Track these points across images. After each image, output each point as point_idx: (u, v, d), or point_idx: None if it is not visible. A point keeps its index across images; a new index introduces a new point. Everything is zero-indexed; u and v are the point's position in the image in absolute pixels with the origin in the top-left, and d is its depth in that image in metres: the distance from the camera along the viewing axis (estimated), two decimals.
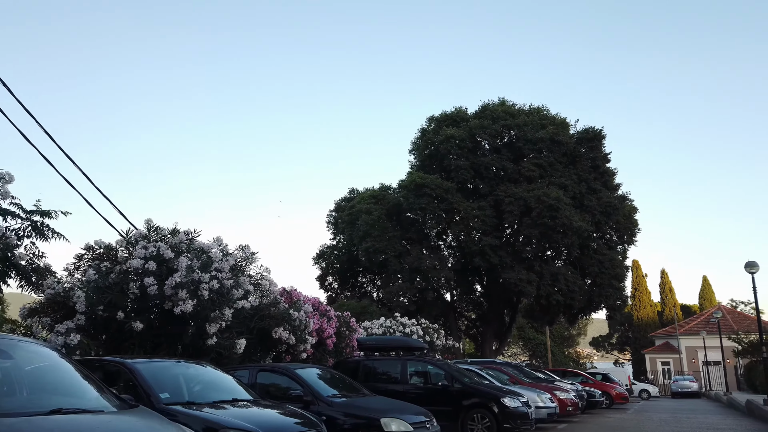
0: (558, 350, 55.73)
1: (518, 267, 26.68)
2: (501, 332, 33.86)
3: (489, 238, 26.95)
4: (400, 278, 28.96)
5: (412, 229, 29.04)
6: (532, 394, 15.33)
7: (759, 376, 33.77)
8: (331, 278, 33.74)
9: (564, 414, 17.53)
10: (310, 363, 14.87)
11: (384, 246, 27.92)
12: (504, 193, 27.51)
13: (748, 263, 21.22)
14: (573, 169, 28.66)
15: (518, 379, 18.10)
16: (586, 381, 27.46)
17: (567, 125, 30.10)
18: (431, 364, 13.81)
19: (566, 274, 27.12)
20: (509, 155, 29.46)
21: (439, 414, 13.16)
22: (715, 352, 42.49)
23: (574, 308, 27.99)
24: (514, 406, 12.80)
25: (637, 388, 41.32)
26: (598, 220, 27.52)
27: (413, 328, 20.66)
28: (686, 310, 70.84)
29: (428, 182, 27.44)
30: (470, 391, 13.06)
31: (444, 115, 30.78)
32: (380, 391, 13.76)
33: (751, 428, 16.04)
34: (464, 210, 27.06)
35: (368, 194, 30.73)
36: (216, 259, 11.09)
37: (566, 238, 25.77)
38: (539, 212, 25.74)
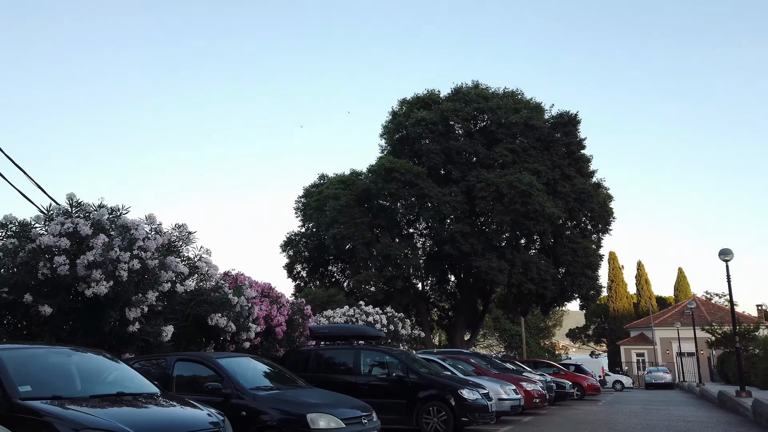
0: (534, 341, 55.39)
1: (490, 255, 25.86)
2: (473, 322, 33.14)
3: (460, 225, 26.07)
4: (371, 267, 27.96)
5: (382, 216, 28.06)
6: (495, 386, 14.51)
7: (732, 367, 33.61)
8: (299, 267, 32.64)
9: (531, 406, 16.79)
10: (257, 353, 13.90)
11: (352, 233, 26.90)
12: (476, 178, 26.62)
13: (722, 251, 20.64)
14: (547, 154, 27.88)
15: (484, 370, 17.29)
16: (558, 372, 26.90)
17: (542, 109, 29.30)
18: (386, 354, 12.88)
19: (538, 263, 26.37)
20: (482, 140, 28.56)
21: (393, 407, 12.29)
22: (689, 343, 42.38)
23: (547, 298, 27.30)
24: (473, 398, 11.93)
25: (610, 379, 41.04)
26: (571, 207, 26.78)
27: (377, 317, 19.73)
28: (662, 301, 71.25)
29: (398, 167, 26.45)
30: (426, 383, 12.17)
31: (416, 98, 29.74)
32: (333, 382, 12.83)
33: (722, 420, 15.43)
34: (435, 196, 26.15)
35: (337, 179, 29.64)
36: (140, 237, 9.95)
37: (538, 225, 24.99)
38: (511, 198, 24.91)
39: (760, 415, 13.85)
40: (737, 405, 17.62)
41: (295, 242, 31.53)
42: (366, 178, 28.03)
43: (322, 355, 13.34)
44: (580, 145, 28.53)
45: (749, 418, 15.29)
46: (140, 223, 10.45)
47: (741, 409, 16.84)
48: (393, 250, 26.21)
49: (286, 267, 32.14)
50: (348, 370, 12.92)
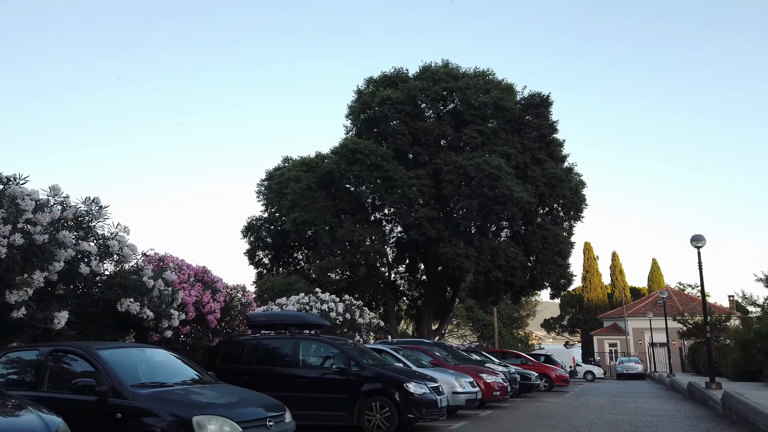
0: (507, 332, 54.80)
1: (457, 241, 24.76)
2: (442, 311, 32.15)
3: (426, 210, 24.90)
4: (339, 253, 26.64)
5: (346, 200, 26.77)
6: (450, 378, 13.44)
7: (702, 357, 33.19)
8: (261, 253, 31.23)
9: (491, 399, 15.80)
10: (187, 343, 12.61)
11: (314, 217, 25.57)
12: (443, 161, 25.45)
13: (694, 237, 19.82)
14: (518, 137, 26.81)
15: (442, 362, 16.24)
16: (526, 363, 26.10)
17: (513, 90, 28.18)
18: (328, 345, 11.68)
19: (507, 250, 25.36)
20: (451, 121, 27.39)
21: (333, 402, 11.10)
22: (662, 333, 42.05)
23: (515, 286, 26.35)
24: (420, 392, 10.82)
25: (582, 369, 40.54)
26: (542, 192, 25.79)
27: (332, 305, 18.53)
28: (635, 292, 71.43)
29: (362, 148, 25.13)
30: (369, 376, 11.02)
31: (383, 77, 28.34)
32: (268, 375, 11.65)
33: (691, 414, 14.59)
34: (401, 179, 24.92)
35: (300, 162, 28.22)
36: (28, 209, 8.56)
37: (507, 210, 23.94)
38: (479, 181, 23.80)
39: (730, 410, 13.02)
40: (707, 398, 16.85)
41: (256, 227, 30.06)
42: (329, 161, 26.69)
43: (257, 346, 12.10)
44: (552, 128, 27.50)
45: (718, 412, 14.48)
46: (33, 194, 9.05)
47: (710, 402, 16.06)
48: (357, 235, 24.96)
49: (248, 253, 30.71)
50: (285, 362, 11.73)
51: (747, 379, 23.62)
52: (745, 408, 11.43)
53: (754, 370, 23.12)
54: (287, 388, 11.31)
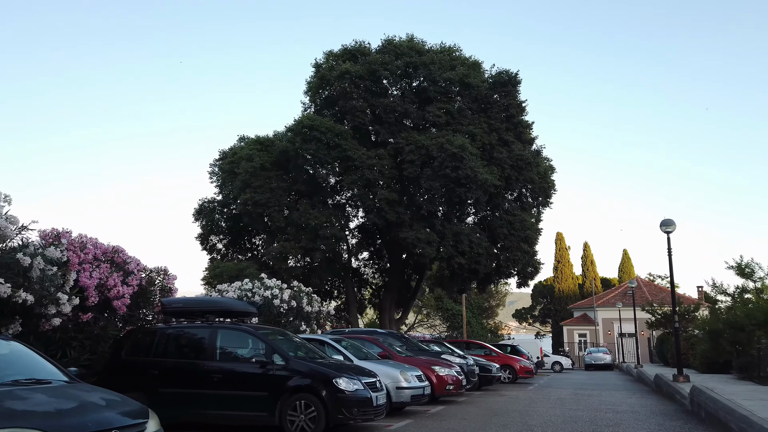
0: (476, 322, 53.89)
1: (418, 225, 23.38)
2: (405, 300, 30.86)
3: (387, 192, 23.42)
4: (294, 238, 25.00)
5: (302, 181, 25.15)
6: (393, 372, 12.07)
7: (671, 348, 32.56)
8: (215, 238, 29.48)
9: (444, 393, 14.50)
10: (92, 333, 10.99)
11: (266, 199, 23.92)
12: (405, 140, 23.99)
13: (663, 221, 18.76)
14: (484, 117, 25.45)
15: (392, 353, 14.89)
16: (490, 354, 25.00)
17: (480, 67, 26.75)
18: (249, 334, 10.18)
19: (471, 235, 24.07)
20: (414, 99, 25.92)
21: (252, 401, 9.62)
22: (631, 324, 41.47)
23: (480, 273, 25.14)
24: (352, 389, 9.41)
25: (549, 360, 39.78)
26: (508, 175, 24.50)
27: (276, 291, 17.02)
28: (606, 283, 71.48)
29: (318, 125, 23.50)
30: (294, 370, 9.57)
31: (344, 50, 26.60)
32: (180, 369, 10.15)
33: (656, 410, 13.50)
34: (359, 159, 23.40)
35: (254, 140, 26.46)
36: None
37: (470, 193, 22.62)
38: (441, 162, 22.42)
39: (699, 406, 11.93)
40: (674, 391, 15.84)
41: (208, 211, 28.26)
42: (284, 139, 25.00)
43: (170, 336, 10.53)
44: (520, 109, 26.21)
45: (686, 408, 13.42)
46: None
47: (678, 397, 15.03)
48: (313, 219, 23.40)
49: (200, 238, 28.89)
50: (200, 355, 10.19)
51: (715, 371, 22.82)
52: (715, 405, 10.31)
53: (723, 362, 22.32)
54: (200, 384, 9.82)
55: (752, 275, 18.76)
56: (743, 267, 18.86)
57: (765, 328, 15.60)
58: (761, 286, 18.53)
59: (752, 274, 18.75)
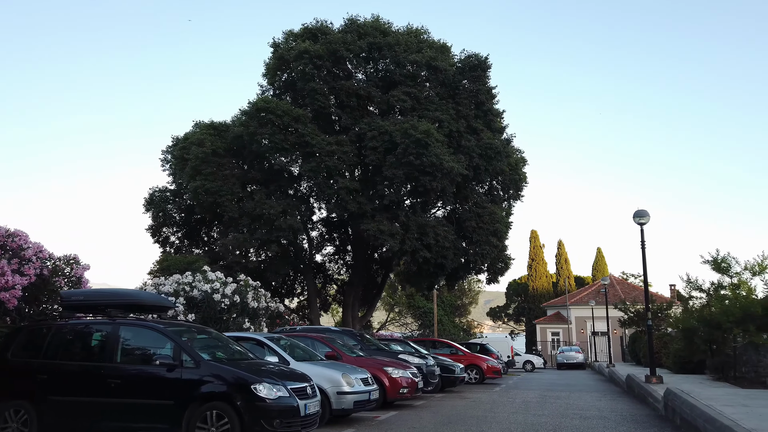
0: (448, 320, 52.77)
1: (380, 217, 21.98)
2: (370, 297, 29.45)
3: (347, 181, 21.96)
4: (248, 229, 23.31)
5: (258, 168, 23.55)
6: (334, 376, 10.65)
7: (643, 347, 31.77)
8: (168, 230, 27.67)
9: (398, 397, 13.15)
10: None
11: (218, 187, 22.26)
12: (368, 126, 22.57)
13: (637, 212, 17.69)
14: (452, 103, 24.14)
15: (341, 353, 13.48)
16: (456, 353, 23.77)
17: (448, 50, 25.44)
18: (156, 331, 8.67)
19: (437, 228, 22.75)
20: (378, 82, 24.53)
21: (154, 411, 8.14)
22: (604, 322, 40.73)
23: (447, 268, 23.86)
24: (274, 396, 7.98)
25: (521, 359, 38.76)
26: (476, 165, 23.23)
27: (216, 284, 15.49)
28: (580, 281, 71.13)
29: (273, 107, 21.91)
30: (207, 375, 8.11)
31: (304, 29, 24.91)
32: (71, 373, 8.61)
33: (627, 414, 12.33)
34: (318, 144, 21.90)
35: (207, 125, 24.73)
36: None
37: (435, 182, 21.29)
38: (404, 148, 21.04)
39: (674, 411, 10.76)
40: (646, 394, 14.72)
41: (159, 200, 26.42)
42: (238, 122, 23.34)
43: (65, 333, 8.98)
44: (489, 95, 24.96)
45: (659, 413, 12.28)
46: None
47: (650, 400, 13.90)
48: (268, 209, 21.83)
49: (151, 230, 27.03)
50: (97, 356, 8.67)
51: (689, 370, 21.93)
52: (693, 412, 9.12)
53: (697, 362, 21.43)
54: (96, 391, 8.29)
55: (728, 270, 17.78)
56: (719, 261, 17.88)
57: (743, 325, 14.61)
58: (738, 282, 17.57)
59: (728, 269, 17.78)
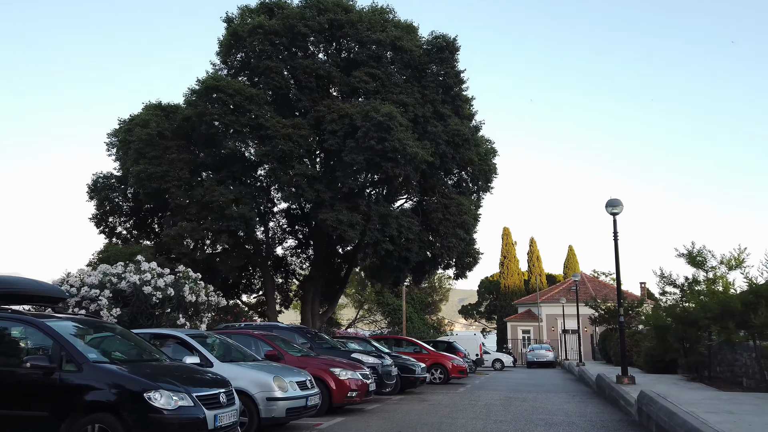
0: (418, 317, 51.55)
1: (340, 206, 20.52)
2: (332, 292, 27.98)
3: (304, 167, 20.45)
4: (207, 218, 21.58)
5: (208, 152, 21.88)
6: (264, 379, 9.20)
7: (614, 345, 30.99)
8: (115, 220, 25.76)
9: (345, 401, 11.76)
10: None
11: (164, 171, 20.55)
12: (327, 108, 21.08)
13: (609, 201, 16.58)
14: (417, 86, 22.79)
15: (283, 352, 12.02)
16: (420, 351, 22.50)
17: (414, 31, 24.10)
18: (31, 326, 7.10)
19: (400, 218, 21.40)
20: (339, 62, 23.07)
21: (25, 425, 6.66)
22: (575, 320, 39.98)
23: (411, 261, 22.55)
24: (172, 407, 6.50)
25: (490, 357, 37.75)
26: (443, 152, 21.91)
27: (147, 275, 13.87)
28: (551, 279, 70.80)
29: (224, 86, 20.26)
30: (91, 380, 6.59)
31: (261, 4, 23.02)
32: None
33: (596, 420, 11.15)
34: (273, 127, 20.33)
35: (154, 106, 22.89)
36: None
37: (398, 169, 19.93)
38: (365, 132, 19.63)
39: (649, 418, 9.59)
40: (618, 396, 13.59)
41: (103, 187, 24.47)
42: (187, 102, 21.60)
43: None
44: (458, 79, 23.66)
45: (632, 418, 11.12)
46: None
47: (622, 403, 12.76)
48: (218, 196, 20.20)
49: (95, 219, 25.08)
50: None
51: (661, 369, 21.04)
52: (672, 421, 7.91)
53: (669, 360, 20.55)
54: None
55: (704, 264, 16.77)
56: (694, 255, 16.87)
57: (721, 322, 13.60)
58: (714, 277, 16.63)
59: (704, 263, 16.77)
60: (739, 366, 16.13)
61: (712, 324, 13.78)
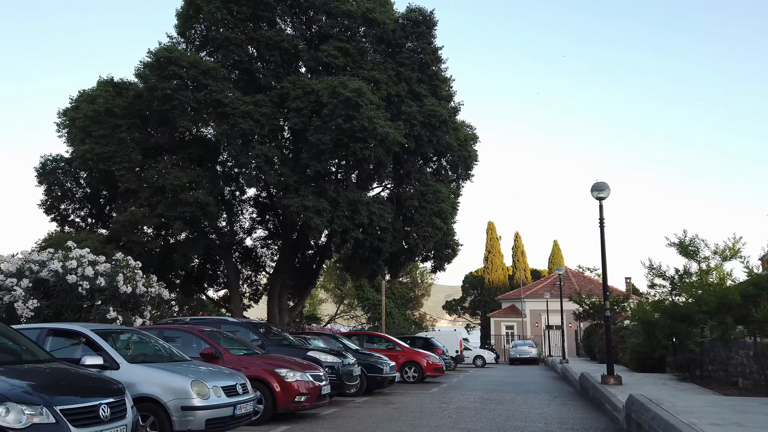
0: (399, 313, 50.15)
1: (305, 190, 18.93)
2: (302, 285, 26.37)
3: (265, 148, 18.81)
4: (160, 203, 19.79)
5: (163, 132, 20.14)
6: (179, 383, 7.61)
7: (599, 341, 29.80)
8: (68, 207, 23.91)
9: (292, 407, 10.22)
10: None
11: (112, 152, 18.83)
12: (292, 84, 19.45)
13: (595, 185, 15.15)
14: (391, 63, 21.22)
15: (221, 349, 10.45)
16: (394, 348, 21.06)
17: (388, 3, 22.50)
18: None
19: (370, 205, 19.86)
20: (307, 35, 21.43)
21: None
22: (559, 315, 38.78)
23: (384, 252, 21.05)
24: (21, 425, 5.03)
25: (471, 354, 36.41)
26: (418, 134, 20.35)
27: (73, 262, 12.23)
28: (536, 274, 69.97)
29: (177, 58, 18.55)
30: None
31: None
32: None
33: (578, 427, 9.73)
34: (232, 104, 18.67)
35: (106, 82, 21.08)
36: None
37: (368, 150, 18.35)
38: (332, 110, 18.06)
39: (639, 426, 8.17)
40: (603, 399, 12.18)
41: (52, 171, 22.63)
42: (138, 76, 19.81)
43: None
44: (435, 57, 22.11)
45: (620, 426, 9.72)
46: None
47: (608, 407, 11.35)
48: (172, 179, 18.52)
49: (43, 205, 23.24)
50: None
51: (648, 368, 19.75)
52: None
53: (658, 358, 19.27)
54: None
55: (697, 254, 15.46)
56: (686, 245, 15.54)
57: (718, 317, 12.26)
58: (707, 268, 15.32)
59: (697, 253, 15.46)
60: (734, 365, 14.84)
61: (709, 319, 12.39)
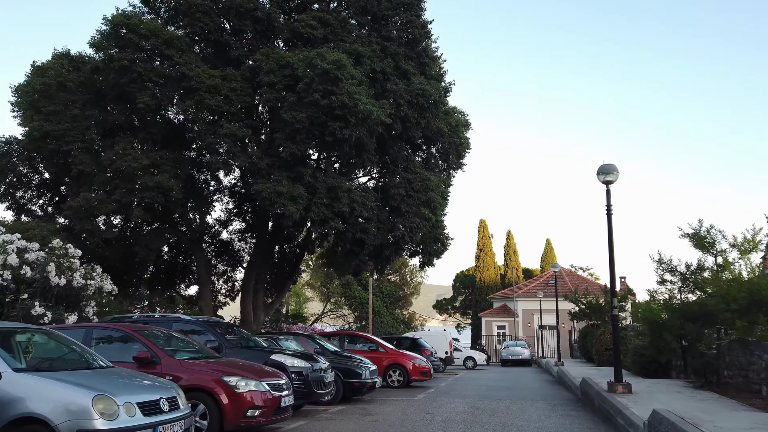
0: (387, 312, 48.42)
1: (278, 175, 17.13)
2: (279, 281, 24.56)
3: (234, 127, 16.96)
4: (121, 189, 17.83)
5: (120, 108, 18.23)
6: (80, 400, 5.79)
7: (596, 343, 28.25)
8: (27, 192, 21.94)
9: (243, 423, 8.44)
10: None
11: (64, 130, 16.94)
12: (265, 57, 17.61)
13: (602, 168, 13.42)
14: (377, 37, 19.45)
15: (160, 354, 8.65)
16: (377, 350, 19.34)
17: None
18: None
19: (352, 192, 18.07)
20: (283, 4, 19.61)
21: None
22: (552, 315, 37.19)
23: (368, 245, 19.27)
24: None
25: (461, 355, 34.74)
26: (404, 115, 18.55)
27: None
28: (528, 273, 68.63)
29: (135, 24, 16.67)
30: None
31: None
32: None
33: None
34: (197, 77, 16.83)
35: (61, 55, 19.10)
36: None
37: (348, 130, 16.53)
38: (308, 83, 16.27)
39: None
40: (613, 410, 10.44)
41: (6, 154, 20.56)
42: (93, 46, 17.87)
43: None
44: (424, 32, 20.39)
45: None
46: None
47: (621, 422, 9.61)
48: (130, 161, 16.65)
49: None
50: None
51: (652, 372, 18.09)
52: None
53: (665, 361, 17.65)
54: None
55: (713, 247, 13.86)
56: (702, 236, 13.94)
57: (749, 315, 10.64)
58: (723, 262, 13.71)
59: (713, 245, 13.86)
60: (755, 370, 13.19)
61: (737, 318, 10.72)
